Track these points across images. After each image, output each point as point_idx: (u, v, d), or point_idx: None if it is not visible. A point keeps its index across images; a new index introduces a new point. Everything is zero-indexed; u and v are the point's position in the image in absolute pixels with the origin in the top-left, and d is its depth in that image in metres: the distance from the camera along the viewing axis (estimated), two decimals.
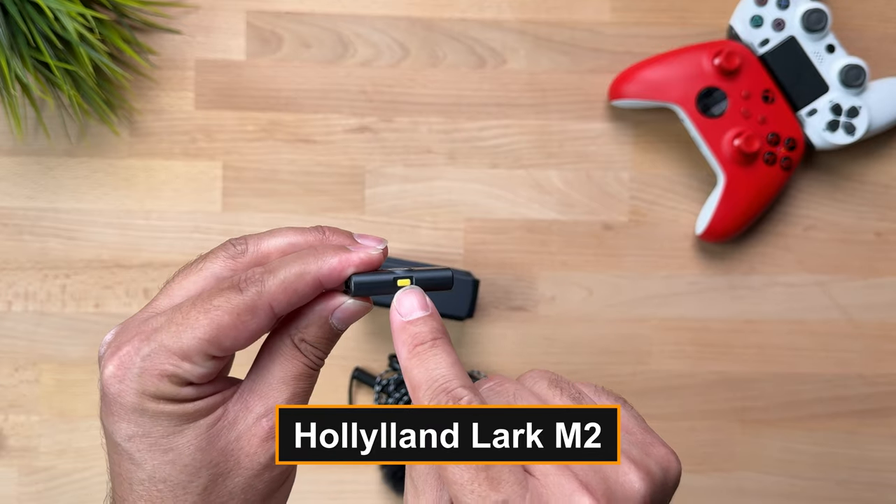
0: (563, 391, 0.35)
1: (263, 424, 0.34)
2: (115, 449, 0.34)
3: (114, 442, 0.33)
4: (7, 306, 0.69)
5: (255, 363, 0.36)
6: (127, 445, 0.33)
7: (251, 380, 0.35)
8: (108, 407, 0.33)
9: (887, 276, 0.71)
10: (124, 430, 0.33)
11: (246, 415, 0.34)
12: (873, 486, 0.72)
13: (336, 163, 0.69)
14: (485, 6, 0.69)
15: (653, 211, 0.70)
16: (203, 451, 0.33)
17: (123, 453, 0.33)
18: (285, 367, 0.35)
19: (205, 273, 0.35)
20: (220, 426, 0.34)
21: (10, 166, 0.68)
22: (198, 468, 0.33)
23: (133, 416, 0.33)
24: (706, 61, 0.66)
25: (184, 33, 0.69)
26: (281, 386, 0.35)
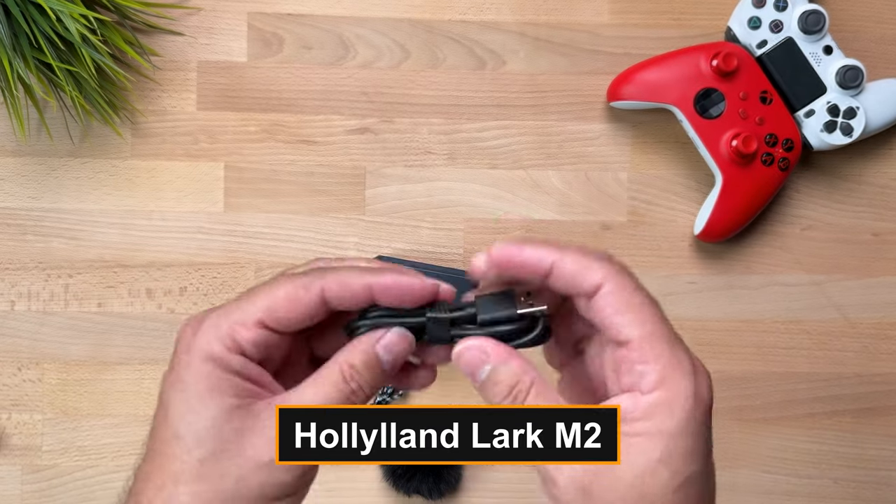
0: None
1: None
2: (159, 401, 0.36)
3: (160, 393, 0.36)
4: (10, 306, 0.69)
5: (302, 383, 0.37)
6: (167, 396, 0.35)
7: (292, 390, 0.36)
8: (171, 361, 0.36)
9: (884, 275, 0.71)
10: (170, 380, 0.35)
11: (268, 412, 0.35)
12: (870, 485, 0.72)
13: (337, 163, 0.69)
14: (484, 8, 0.70)
15: (651, 211, 0.71)
16: (217, 425, 0.34)
17: (161, 405, 0.35)
18: (325, 388, 0.36)
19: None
20: (241, 412, 0.35)
21: (14, 167, 0.69)
22: (205, 438, 0.34)
23: (183, 370, 0.35)
24: (704, 63, 0.67)
25: (186, 35, 0.69)
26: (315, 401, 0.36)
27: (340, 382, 0.36)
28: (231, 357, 0.35)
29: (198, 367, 0.35)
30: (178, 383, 0.35)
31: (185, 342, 0.36)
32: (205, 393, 0.34)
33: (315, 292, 0.36)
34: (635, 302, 0.35)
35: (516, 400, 0.35)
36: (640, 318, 0.35)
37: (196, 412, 0.34)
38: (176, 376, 0.35)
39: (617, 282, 0.35)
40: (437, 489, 0.69)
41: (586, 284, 0.35)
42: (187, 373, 0.35)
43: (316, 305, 0.36)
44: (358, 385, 0.36)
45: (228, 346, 0.35)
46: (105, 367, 0.69)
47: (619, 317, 0.35)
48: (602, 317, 0.35)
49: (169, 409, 0.35)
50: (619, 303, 0.35)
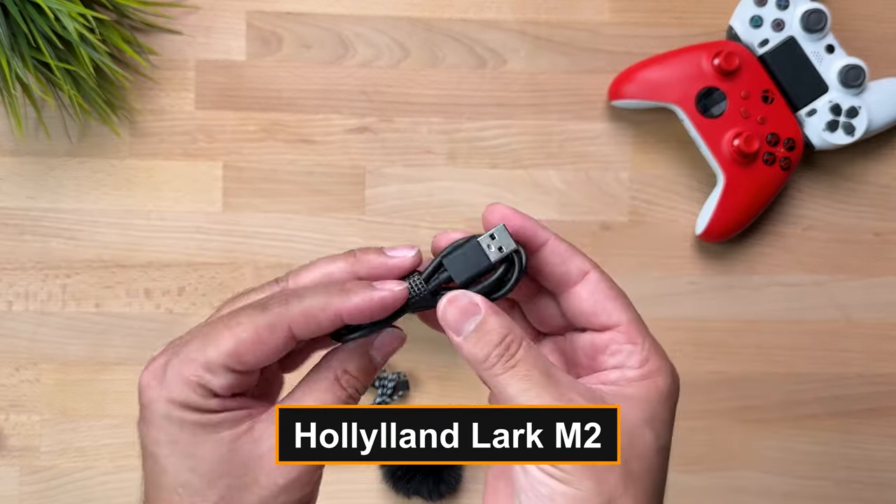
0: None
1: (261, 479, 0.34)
2: (145, 453, 0.34)
3: (144, 446, 0.34)
4: (8, 306, 0.69)
5: (293, 391, 0.36)
6: (154, 449, 0.34)
7: (285, 398, 0.36)
8: (142, 413, 0.34)
9: (886, 275, 0.71)
10: (153, 435, 0.34)
11: (271, 434, 0.34)
12: (872, 486, 0.72)
13: (336, 163, 0.69)
14: (484, 7, 0.69)
15: (652, 211, 0.70)
16: (223, 462, 0.34)
17: (150, 457, 0.34)
18: (321, 394, 0.36)
19: (244, 302, 0.36)
20: (243, 441, 0.34)
21: (11, 166, 0.68)
22: (216, 478, 0.34)
23: (162, 422, 0.34)
24: (706, 61, 0.66)
25: (184, 34, 0.69)
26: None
27: (337, 389, 0.35)
28: (206, 402, 0.34)
29: (178, 416, 0.34)
30: (162, 433, 0.34)
31: (151, 394, 0.34)
32: (196, 435, 0.34)
33: (282, 331, 0.34)
34: (618, 290, 0.37)
35: (508, 350, 0.35)
36: (625, 304, 0.37)
37: (195, 457, 0.34)
38: (157, 428, 0.34)
39: (601, 272, 0.37)
40: (437, 490, 0.69)
41: (575, 268, 0.37)
42: (168, 423, 0.34)
43: (284, 343, 0.35)
44: (354, 389, 0.36)
45: (200, 394, 0.34)
46: (103, 368, 0.69)
47: (610, 302, 0.37)
48: (593, 301, 0.37)
49: (161, 460, 0.34)
50: (608, 290, 0.37)
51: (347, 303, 0.34)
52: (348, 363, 0.36)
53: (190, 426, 0.34)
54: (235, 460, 0.34)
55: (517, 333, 0.35)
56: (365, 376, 0.36)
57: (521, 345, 0.35)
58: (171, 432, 0.34)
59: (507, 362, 0.35)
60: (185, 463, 0.34)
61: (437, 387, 0.70)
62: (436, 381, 0.70)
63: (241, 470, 0.34)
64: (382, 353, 0.37)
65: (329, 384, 0.35)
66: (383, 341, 0.37)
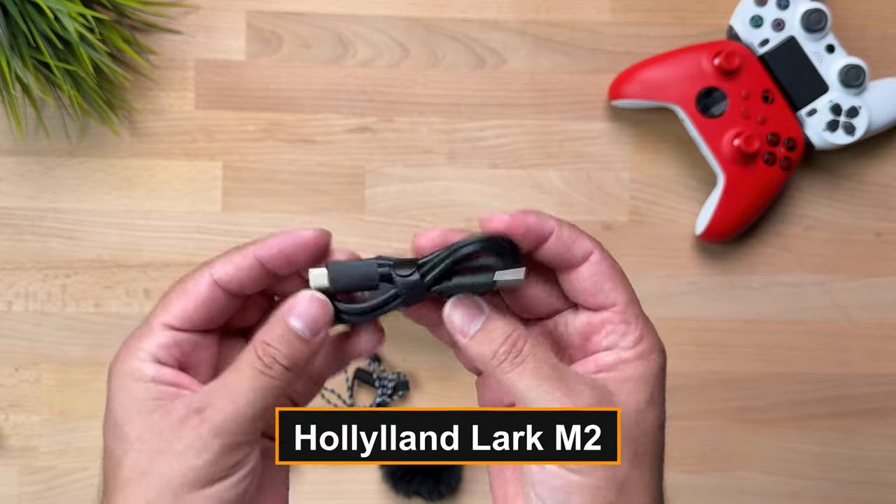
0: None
1: (191, 417, 0.34)
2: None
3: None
4: (7, 306, 0.69)
5: (222, 373, 0.36)
6: (107, 405, 0.36)
7: (211, 382, 0.35)
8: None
9: (887, 275, 0.71)
10: (107, 397, 0.36)
11: (181, 408, 0.34)
12: (872, 486, 0.72)
13: (336, 163, 0.69)
14: (484, 6, 0.69)
15: (652, 211, 0.70)
16: (145, 433, 0.34)
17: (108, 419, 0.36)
18: (243, 370, 0.35)
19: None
20: (160, 415, 0.34)
21: (11, 166, 0.68)
22: (134, 449, 0.34)
23: (109, 396, 0.36)
24: (706, 61, 0.66)
25: (184, 33, 0.69)
26: (233, 393, 0.34)
27: (256, 361, 0.34)
28: (144, 366, 0.35)
29: (115, 386, 0.35)
30: (107, 410, 0.35)
31: (109, 372, 0.36)
32: (124, 407, 0.35)
33: (204, 279, 0.35)
34: (617, 271, 0.38)
35: (515, 346, 0.35)
36: (623, 285, 0.38)
37: (120, 426, 0.34)
38: (106, 406, 0.36)
39: (602, 252, 0.38)
40: (437, 491, 0.69)
41: (579, 251, 0.37)
42: (110, 396, 0.35)
43: (207, 291, 0.35)
44: (272, 359, 0.34)
45: (141, 358, 0.35)
46: (103, 368, 0.69)
47: (609, 282, 0.37)
48: (592, 282, 0.37)
49: (104, 439, 0.35)
50: (609, 270, 0.37)
51: (264, 245, 0.36)
52: (266, 334, 0.35)
53: (125, 397, 0.35)
54: (149, 433, 0.34)
55: (522, 331, 0.36)
56: (286, 346, 0.35)
57: (527, 341, 0.36)
58: (113, 404, 0.35)
59: (514, 359, 0.35)
60: (115, 435, 0.35)
61: (437, 387, 0.70)
62: (436, 381, 0.70)
63: (153, 443, 0.34)
64: (301, 318, 0.35)
65: (250, 357, 0.35)
66: (299, 306, 0.35)
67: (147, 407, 0.34)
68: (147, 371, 0.35)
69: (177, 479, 0.33)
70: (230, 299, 0.36)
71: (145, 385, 0.35)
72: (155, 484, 0.33)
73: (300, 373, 0.35)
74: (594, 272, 0.37)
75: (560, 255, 0.37)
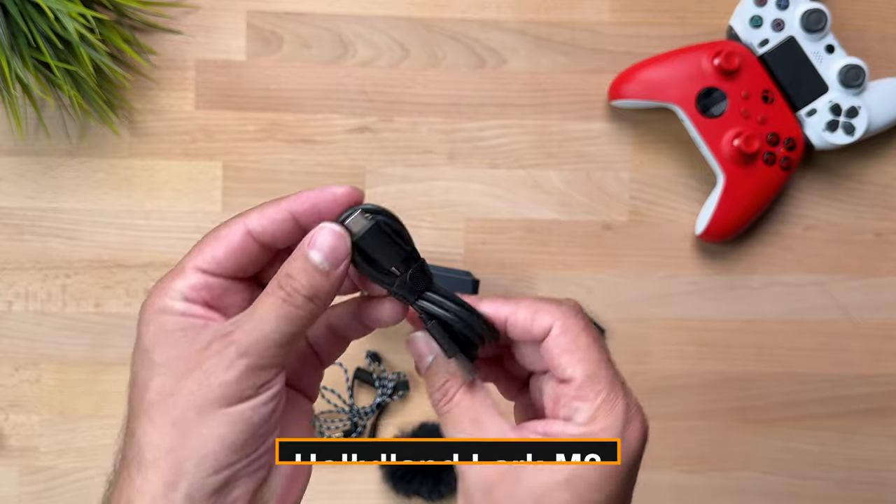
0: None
1: (218, 340, 0.35)
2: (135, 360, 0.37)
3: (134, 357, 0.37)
4: (8, 306, 0.69)
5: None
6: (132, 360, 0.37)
7: (242, 315, 0.36)
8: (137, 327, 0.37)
9: (887, 275, 0.71)
10: (135, 345, 0.37)
11: (210, 334, 0.35)
12: (872, 486, 0.72)
13: (336, 163, 0.69)
14: (484, 6, 0.69)
15: (652, 211, 0.70)
16: (172, 358, 0.35)
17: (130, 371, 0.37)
18: (263, 297, 0.36)
19: None
20: (188, 341, 0.35)
21: (11, 166, 0.68)
22: (161, 372, 0.35)
23: (139, 330, 0.36)
24: (706, 61, 0.66)
25: (184, 33, 0.69)
26: (259, 319, 0.35)
27: (279, 291, 0.35)
28: (174, 303, 0.36)
29: (146, 321, 0.36)
30: (136, 344, 0.36)
31: (140, 312, 0.37)
32: (154, 338, 0.35)
33: (238, 228, 0.36)
34: (581, 343, 0.37)
35: (446, 395, 0.38)
36: (584, 358, 0.37)
37: (149, 354, 0.35)
38: (136, 341, 0.36)
39: (565, 324, 0.37)
40: (437, 491, 0.69)
41: (536, 331, 0.38)
42: (140, 330, 0.36)
43: (239, 239, 0.36)
44: (293, 290, 0.35)
45: (171, 297, 0.36)
46: (103, 368, 0.69)
47: (566, 356, 0.37)
48: (550, 357, 0.37)
49: (131, 369, 0.36)
50: (566, 343, 0.37)
51: (297, 198, 0.37)
52: (288, 266, 0.36)
53: (155, 329, 0.36)
54: (178, 347, 0.35)
55: (459, 380, 0.38)
56: (306, 276, 0.35)
57: (457, 390, 0.38)
58: (142, 336, 0.36)
59: (443, 406, 0.38)
60: (144, 364, 0.36)
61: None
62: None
63: (178, 367, 0.35)
64: (321, 251, 0.36)
65: (273, 287, 0.36)
66: (319, 239, 0.36)
67: (175, 335, 0.35)
68: (177, 307, 0.36)
69: (202, 396, 0.34)
70: (261, 250, 0.37)
71: (174, 317, 0.36)
72: (181, 403, 0.34)
73: (321, 304, 0.36)
74: (551, 347, 0.37)
75: (521, 334, 0.38)
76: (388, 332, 0.70)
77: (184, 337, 0.35)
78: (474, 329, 0.38)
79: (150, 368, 0.35)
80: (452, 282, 0.66)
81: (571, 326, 0.38)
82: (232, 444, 0.34)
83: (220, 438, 0.34)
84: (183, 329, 0.35)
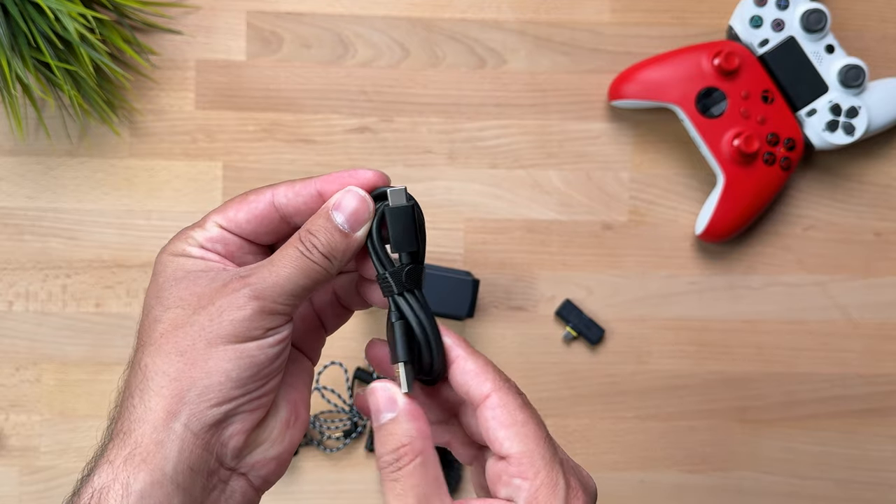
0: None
1: (234, 281, 0.36)
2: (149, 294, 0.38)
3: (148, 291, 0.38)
4: (8, 306, 0.69)
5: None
6: (145, 299, 0.38)
7: (260, 262, 0.37)
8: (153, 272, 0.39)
9: (887, 275, 0.71)
10: (149, 285, 0.38)
11: (229, 274, 0.37)
12: (872, 486, 0.72)
13: (336, 163, 0.69)
14: (484, 6, 0.69)
15: (652, 211, 0.70)
16: (186, 294, 0.36)
17: (142, 309, 0.38)
18: (283, 248, 0.37)
19: None
20: (205, 281, 0.36)
21: (11, 166, 0.68)
22: (173, 307, 0.36)
23: (154, 271, 0.38)
24: (706, 61, 0.66)
25: (184, 34, 0.69)
26: (276, 267, 0.36)
27: (298, 244, 0.36)
28: (191, 248, 0.38)
29: (164, 261, 0.38)
30: (152, 281, 0.38)
31: (157, 257, 0.39)
32: (171, 275, 0.37)
33: (265, 196, 0.38)
34: (518, 419, 0.36)
35: (398, 461, 0.36)
36: (522, 434, 0.36)
37: (164, 289, 0.37)
38: (151, 278, 0.38)
39: (503, 396, 0.36)
40: None
41: (476, 391, 0.37)
42: (157, 268, 0.38)
43: (263, 208, 0.38)
44: (312, 245, 0.36)
45: (189, 244, 0.38)
46: (103, 368, 0.69)
47: (503, 430, 0.36)
48: (486, 427, 0.36)
49: (144, 303, 0.38)
50: (504, 416, 0.36)
51: (326, 178, 0.38)
52: (311, 223, 0.37)
53: (172, 269, 0.37)
54: (190, 294, 0.36)
55: (416, 447, 0.36)
56: (327, 235, 0.36)
57: (412, 461, 0.36)
58: (157, 276, 0.38)
59: (391, 473, 0.36)
60: (158, 299, 0.37)
61: None
62: None
63: (194, 302, 0.36)
64: (344, 212, 0.37)
65: (293, 242, 0.37)
66: (343, 201, 0.37)
67: (195, 274, 0.37)
68: (195, 252, 0.38)
69: (213, 330, 0.35)
70: (280, 222, 0.38)
71: (193, 260, 0.37)
72: (191, 334, 0.35)
73: (338, 263, 0.37)
74: (488, 418, 0.36)
75: (461, 389, 0.37)
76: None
77: (203, 275, 0.37)
78: (432, 348, 0.37)
79: (165, 303, 0.36)
80: (452, 282, 0.66)
81: (510, 402, 0.36)
82: (237, 378, 0.35)
83: (225, 372, 0.35)
84: (203, 270, 0.37)
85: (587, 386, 0.70)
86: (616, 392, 0.70)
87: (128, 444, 0.35)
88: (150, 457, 0.34)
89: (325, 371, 0.69)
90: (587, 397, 0.70)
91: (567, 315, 0.69)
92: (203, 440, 0.35)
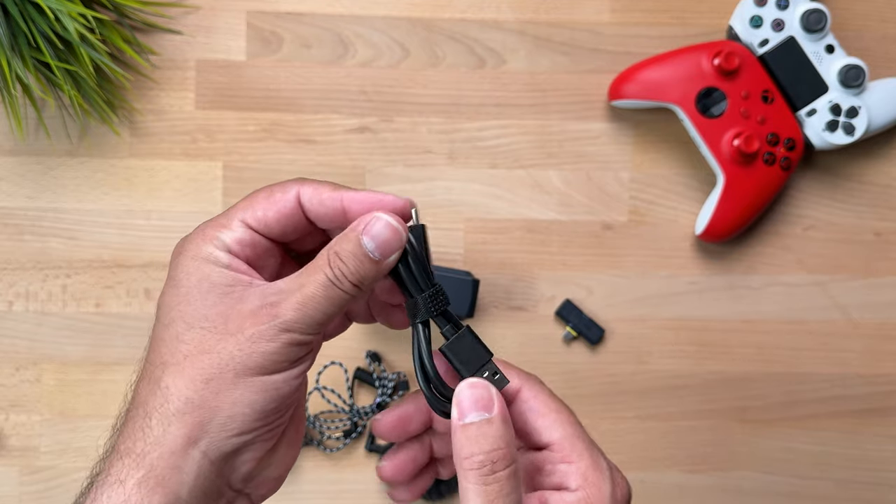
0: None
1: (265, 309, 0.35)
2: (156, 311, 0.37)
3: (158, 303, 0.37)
4: (8, 306, 0.69)
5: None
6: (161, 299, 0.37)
7: (286, 278, 0.36)
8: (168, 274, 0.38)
9: (886, 275, 0.71)
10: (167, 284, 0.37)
11: (253, 295, 0.36)
12: (872, 486, 0.72)
13: (336, 163, 0.69)
14: (484, 6, 0.69)
15: (652, 211, 0.70)
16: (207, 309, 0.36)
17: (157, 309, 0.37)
18: (310, 273, 0.36)
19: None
20: (229, 298, 0.36)
21: (11, 166, 0.68)
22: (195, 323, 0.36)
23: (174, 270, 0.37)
24: (706, 61, 0.66)
25: (184, 33, 0.69)
26: (305, 298, 0.35)
27: (328, 270, 0.36)
28: (219, 253, 0.36)
29: (187, 265, 0.36)
30: (172, 285, 0.36)
31: (176, 251, 0.37)
32: (195, 285, 0.36)
33: (291, 193, 0.37)
34: (553, 406, 0.37)
35: (494, 465, 0.34)
36: (560, 420, 0.36)
37: (188, 302, 0.36)
38: (170, 280, 0.37)
39: (533, 387, 0.37)
40: (437, 490, 0.69)
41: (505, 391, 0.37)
42: (179, 272, 0.36)
43: (291, 207, 0.37)
44: (341, 273, 0.36)
45: (216, 246, 0.36)
46: (103, 368, 0.69)
47: (542, 419, 0.36)
48: (524, 420, 0.37)
49: (162, 309, 0.37)
50: (540, 406, 0.37)
51: (353, 192, 0.37)
52: (339, 245, 0.36)
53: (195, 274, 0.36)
54: (214, 311, 0.36)
55: (511, 453, 0.35)
56: (355, 261, 0.36)
57: (507, 467, 0.35)
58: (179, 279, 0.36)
59: (483, 476, 0.35)
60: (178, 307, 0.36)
61: None
62: None
63: (217, 321, 0.35)
64: (375, 240, 0.36)
65: (319, 263, 0.36)
66: (375, 227, 0.36)
67: (221, 290, 0.36)
68: (222, 259, 0.36)
69: (242, 361, 0.35)
70: (306, 224, 0.38)
71: (220, 270, 0.36)
72: (217, 362, 0.35)
73: (366, 289, 0.36)
74: (524, 410, 0.36)
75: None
76: (388, 332, 0.70)
77: (231, 293, 0.36)
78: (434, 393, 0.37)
79: (188, 319, 0.36)
80: (452, 282, 0.66)
81: (540, 391, 0.37)
82: (261, 410, 0.35)
83: (250, 404, 0.35)
84: (230, 284, 0.36)
85: (587, 386, 0.70)
86: (616, 392, 0.70)
87: (142, 466, 0.34)
88: (165, 481, 0.34)
89: (325, 371, 0.69)
90: (587, 397, 0.70)
91: (567, 315, 0.69)
92: (217, 467, 0.35)
